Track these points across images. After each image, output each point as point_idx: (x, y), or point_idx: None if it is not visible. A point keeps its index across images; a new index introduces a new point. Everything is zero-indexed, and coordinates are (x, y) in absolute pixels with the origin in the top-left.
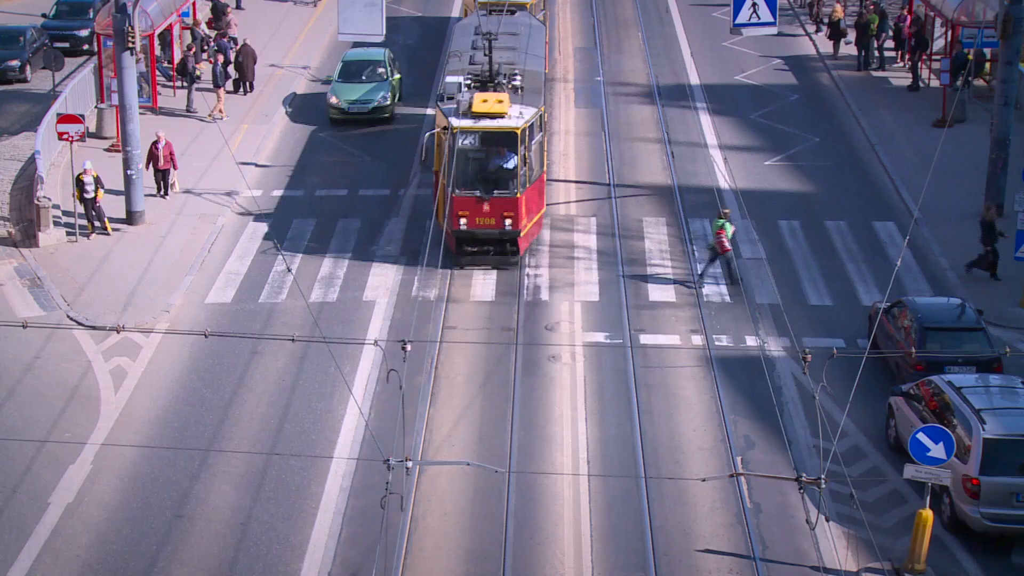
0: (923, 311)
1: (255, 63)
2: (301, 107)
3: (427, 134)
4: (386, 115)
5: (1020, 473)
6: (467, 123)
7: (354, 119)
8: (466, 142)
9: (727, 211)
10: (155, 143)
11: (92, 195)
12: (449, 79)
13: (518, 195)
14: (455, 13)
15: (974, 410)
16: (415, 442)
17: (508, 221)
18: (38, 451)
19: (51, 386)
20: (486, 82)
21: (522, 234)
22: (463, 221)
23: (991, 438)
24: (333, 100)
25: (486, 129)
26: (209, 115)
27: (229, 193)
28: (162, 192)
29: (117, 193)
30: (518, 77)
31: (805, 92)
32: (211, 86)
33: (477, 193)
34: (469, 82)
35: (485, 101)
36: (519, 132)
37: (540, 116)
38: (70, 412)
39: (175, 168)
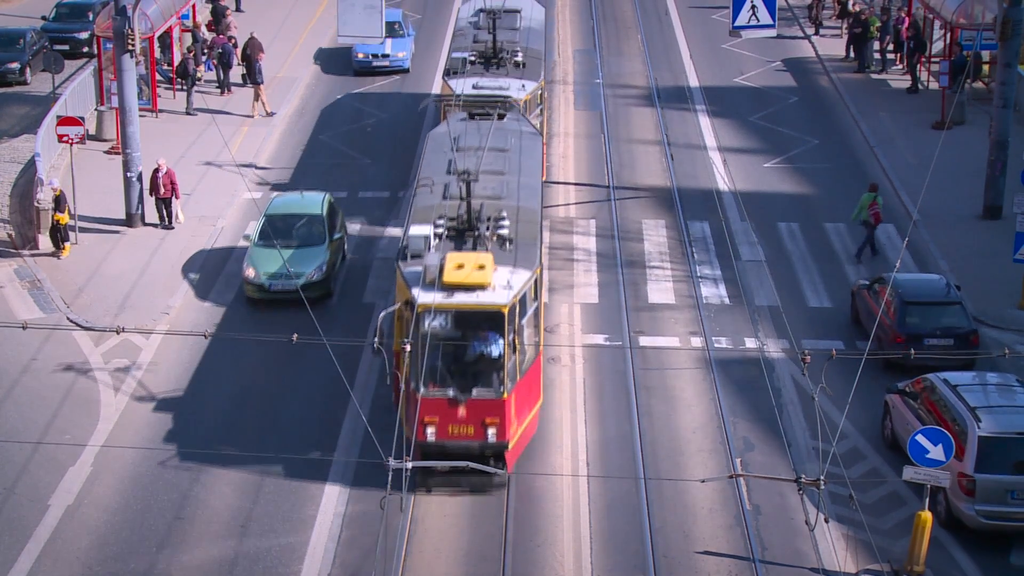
0: (903, 286)
1: (260, 54)
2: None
3: (383, 313)
4: (323, 292)
5: (1015, 471)
6: (437, 299)
7: (279, 299)
8: (435, 324)
9: (875, 184)
10: (156, 171)
11: (52, 212)
12: (414, 231)
13: (504, 396)
14: (435, 88)
15: (969, 408)
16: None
17: (491, 431)
18: (38, 453)
19: (50, 388)
20: (464, 232)
21: (510, 446)
22: (431, 430)
23: (986, 436)
24: (249, 273)
25: (462, 308)
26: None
27: (229, 195)
28: (166, 223)
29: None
30: (506, 223)
31: (804, 94)
32: (217, 86)
33: (450, 393)
34: (442, 232)
35: (461, 267)
36: (506, 311)
37: (535, 281)
38: (70, 414)
39: (177, 197)
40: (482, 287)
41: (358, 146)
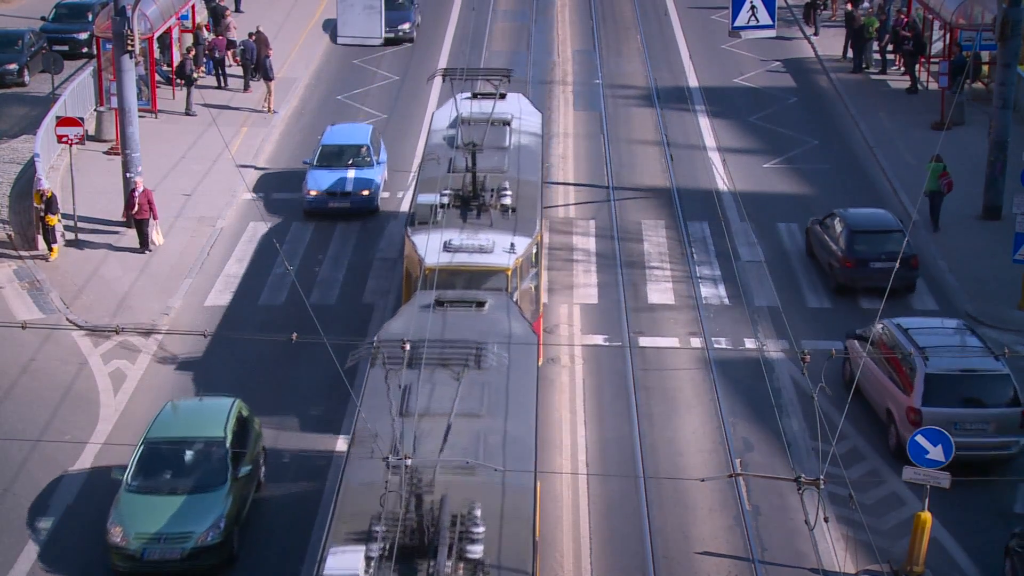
0: (851, 218)
1: (268, 49)
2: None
3: None
4: (221, 558)
5: (958, 404)
6: None
7: (157, 571)
8: None
9: (939, 155)
10: (132, 191)
11: (42, 214)
12: (334, 558)
13: None
14: (403, 209)
15: (918, 348)
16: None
17: None
18: (37, 453)
19: (50, 388)
20: (414, 553)
21: None
22: None
23: (932, 373)
24: (115, 533)
25: None
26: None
27: (228, 195)
28: (142, 246)
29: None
30: (480, 533)
31: (804, 95)
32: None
33: None
34: (381, 549)
35: None
36: None
37: None
38: (69, 414)
39: (155, 218)
40: None
41: None
